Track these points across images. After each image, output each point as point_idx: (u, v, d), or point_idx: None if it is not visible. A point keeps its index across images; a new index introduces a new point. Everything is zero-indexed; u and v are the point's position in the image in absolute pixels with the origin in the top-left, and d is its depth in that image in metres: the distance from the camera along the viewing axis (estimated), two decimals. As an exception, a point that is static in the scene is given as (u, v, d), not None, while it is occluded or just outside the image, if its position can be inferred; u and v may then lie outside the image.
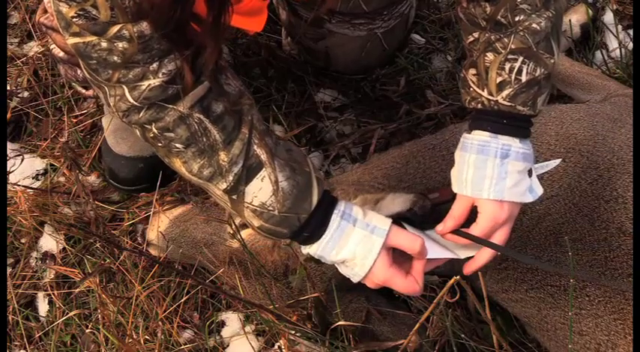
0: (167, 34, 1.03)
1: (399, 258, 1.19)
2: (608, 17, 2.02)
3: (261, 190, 1.14)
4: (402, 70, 1.97)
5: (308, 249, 1.19)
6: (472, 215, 1.22)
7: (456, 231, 1.22)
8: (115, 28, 1.01)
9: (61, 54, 1.49)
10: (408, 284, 1.17)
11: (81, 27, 1.02)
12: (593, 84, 1.73)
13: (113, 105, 1.11)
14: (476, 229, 1.20)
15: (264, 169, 1.14)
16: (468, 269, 1.24)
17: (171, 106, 1.09)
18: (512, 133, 1.18)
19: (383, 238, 1.14)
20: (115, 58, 1.04)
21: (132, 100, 1.08)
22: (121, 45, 1.03)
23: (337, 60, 1.87)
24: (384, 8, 1.78)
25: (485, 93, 1.20)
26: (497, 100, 1.19)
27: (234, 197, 1.16)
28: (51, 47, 1.53)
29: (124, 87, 1.07)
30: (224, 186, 1.14)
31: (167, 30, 1.02)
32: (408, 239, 1.16)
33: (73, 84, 1.64)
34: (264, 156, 1.14)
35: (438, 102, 1.90)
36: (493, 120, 1.19)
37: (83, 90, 1.62)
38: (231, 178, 1.14)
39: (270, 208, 1.15)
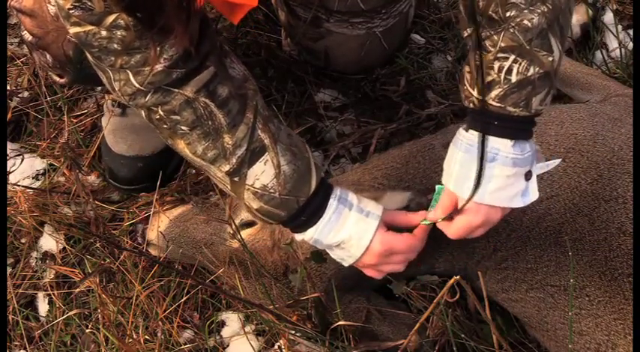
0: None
1: None
2: (608, 17, 2.01)
3: (263, 173, 1.18)
4: (402, 70, 1.97)
5: (302, 235, 1.23)
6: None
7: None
8: (111, 18, 1.04)
9: (30, 38, 1.48)
10: (406, 240, 1.24)
11: (78, 18, 1.05)
12: (593, 84, 1.72)
13: (119, 90, 1.13)
14: (450, 229, 1.22)
15: (267, 153, 1.18)
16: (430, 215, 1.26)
17: (177, 90, 1.12)
18: (505, 135, 1.14)
19: (377, 220, 1.22)
20: (115, 45, 1.07)
21: (137, 85, 1.11)
22: (119, 33, 1.05)
23: (337, 60, 1.87)
24: (382, 7, 1.77)
25: (475, 93, 1.16)
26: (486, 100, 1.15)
27: (235, 179, 1.19)
28: (22, 33, 1.52)
29: (128, 72, 1.10)
30: (227, 168, 1.18)
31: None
32: (400, 214, 1.27)
33: (49, 73, 1.62)
34: (267, 141, 1.18)
35: (438, 102, 1.90)
36: (484, 120, 1.15)
37: (57, 78, 1.58)
38: (234, 161, 1.17)
39: (272, 190, 1.19)
